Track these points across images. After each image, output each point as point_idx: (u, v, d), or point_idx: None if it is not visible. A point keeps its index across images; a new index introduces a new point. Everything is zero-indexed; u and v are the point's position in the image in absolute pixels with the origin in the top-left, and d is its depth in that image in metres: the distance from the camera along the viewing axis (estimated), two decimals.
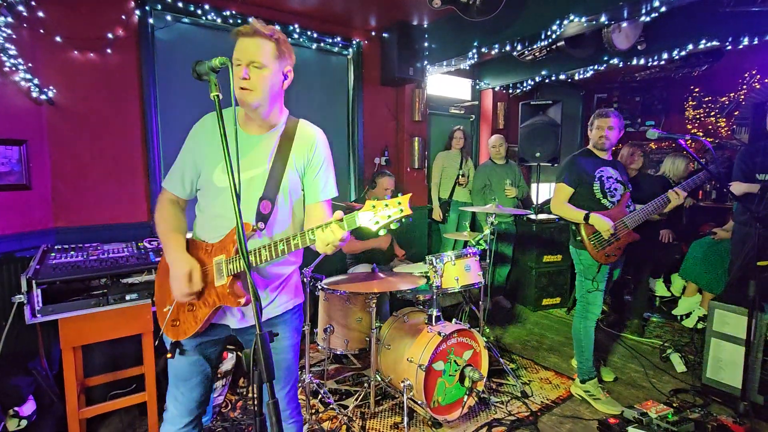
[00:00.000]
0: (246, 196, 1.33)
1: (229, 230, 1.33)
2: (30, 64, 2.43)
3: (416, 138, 4.42)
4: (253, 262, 1.30)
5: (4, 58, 2.32)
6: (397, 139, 4.42)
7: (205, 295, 1.34)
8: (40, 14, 2.49)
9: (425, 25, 3.93)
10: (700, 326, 3.64)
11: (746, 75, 5.09)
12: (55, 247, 2.24)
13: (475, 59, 3.76)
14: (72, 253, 2.17)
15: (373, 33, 4.03)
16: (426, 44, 3.97)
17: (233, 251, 1.29)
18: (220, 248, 1.34)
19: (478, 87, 5.30)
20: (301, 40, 3.63)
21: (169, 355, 1.41)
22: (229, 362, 2.63)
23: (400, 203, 1.11)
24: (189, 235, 1.45)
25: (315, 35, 3.66)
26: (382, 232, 1.13)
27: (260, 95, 1.30)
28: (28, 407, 2.07)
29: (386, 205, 1.12)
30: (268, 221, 1.36)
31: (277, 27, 3.64)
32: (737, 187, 2.95)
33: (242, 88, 1.28)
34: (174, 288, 1.32)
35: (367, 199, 1.18)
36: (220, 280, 1.31)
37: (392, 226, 1.12)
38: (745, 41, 3.37)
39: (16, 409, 2.07)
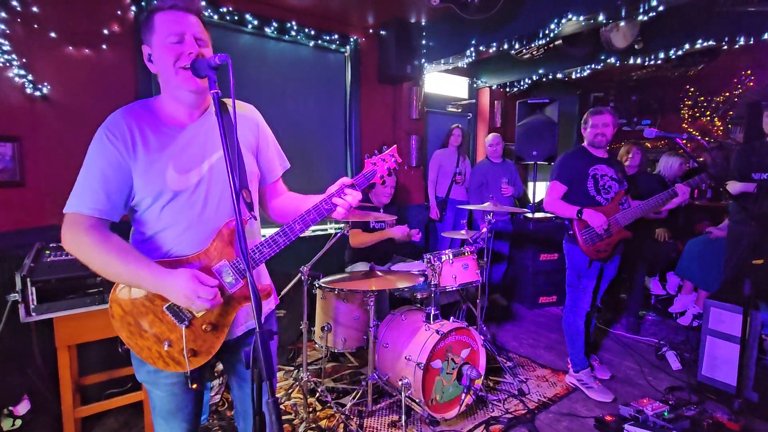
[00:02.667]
0: (217, 189, 1.20)
1: (209, 235, 1.19)
2: (24, 60, 2.40)
3: (413, 136, 4.41)
4: (259, 254, 1.21)
5: None
6: (394, 137, 4.41)
7: (222, 306, 1.18)
8: (35, 9, 2.45)
9: (423, 23, 3.93)
10: (695, 324, 3.67)
11: (742, 75, 5.13)
12: (50, 245, 2.21)
13: (473, 57, 3.76)
14: (66, 250, 2.15)
15: (371, 30, 4.02)
16: (424, 42, 3.96)
17: (233, 252, 1.19)
18: (213, 256, 1.18)
19: (475, 85, 5.30)
20: (298, 37, 3.61)
21: (195, 386, 1.21)
22: None
23: (393, 155, 1.35)
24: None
25: (312, 32, 3.64)
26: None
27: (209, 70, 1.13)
28: (23, 406, 2.06)
29: (383, 160, 1.33)
30: (254, 209, 1.24)
31: (275, 24, 3.60)
32: (733, 186, 2.98)
33: (190, 67, 1.11)
34: (194, 304, 1.08)
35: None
36: (233, 287, 1.19)
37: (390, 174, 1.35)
38: (741, 41, 3.40)
39: (10, 408, 2.05)
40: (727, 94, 5.30)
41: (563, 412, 2.50)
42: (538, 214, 4.35)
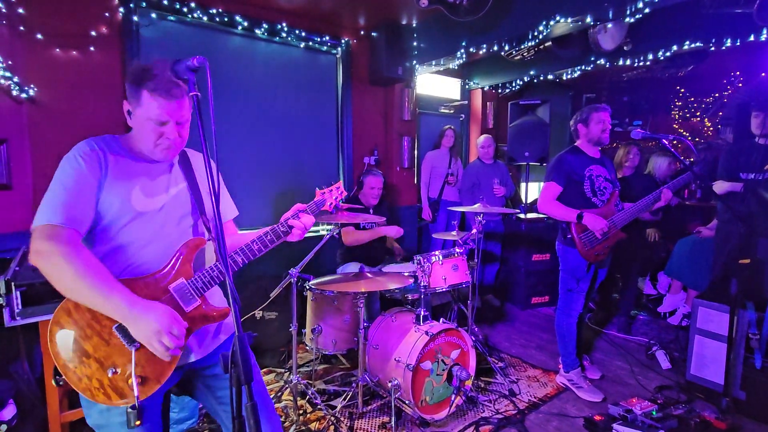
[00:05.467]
0: (178, 211, 1.28)
1: (168, 253, 1.22)
2: (9, 62, 2.39)
3: (405, 137, 4.42)
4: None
5: None
6: (386, 139, 4.42)
7: None
8: (20, 11, 2.44)
9: (414, 25, 3.94)
10: (684, 323, 3.70)
11: (731, 75, 5.18)
12: None
13: (464, 59, 3.77)
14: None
15: (362, 32, 4.02)
16: (415, 44, 3.97)
17: (191, 270, 1.22)
18: (171, 274, 1.20)
19: (467, 87, 5.32)
20: (289, 38, 3.61)
21: (138, 423, 1.08)
22: None
23: (338, 187, 1.53)
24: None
25: (303, 34, 3.64)
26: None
27: (183, 143, 1.28)
28: (9, 411, 2.04)
29: (330, 191, 1.51)
30: (212, 232, 1.31)
31: (266, 26, 3.61)
32: (719, 186, 3.00)
33: (168, 147, 1.22)
34: (163, 338, 1.07)
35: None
36: (189, 305, 1.20)
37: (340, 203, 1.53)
38: (728, 43, 3.43)
39: None
40: (717, 94, 5.35)
41: (553, 412, 2.51)
42: (530, 215, 4.36)
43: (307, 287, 2.58)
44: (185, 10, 3.05)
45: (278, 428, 1.35)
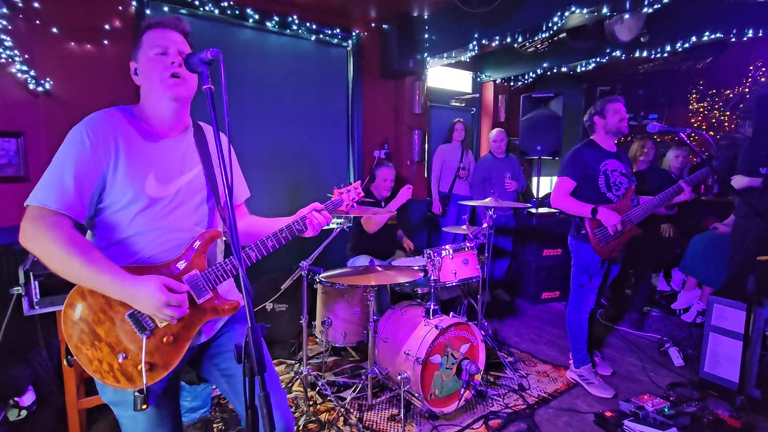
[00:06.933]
0: (193, 201, 1.24)
1: (182, 243, 1.20)
2: (26, 56, 2.42)
3: (416, 131, 4.40)
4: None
5: (0, 50, 2.31)
6: (396, 132, 4.40)
7: (187, 318, 1.17)
8: (36, 5, 2.47)
9: (425, 17, 3.90)
10: (699, 321, 3.64)
11: (752, 67, 5.03)
12: None
13: (476, 51, 3.72)
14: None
15: (373, 24, 4.00)
16: (426, 36, 3.93)
17: (205, 263, 1.21)
18: (184, 266, 1.19)
19: (479, 79, 5.26)
20: (299, 31, 3.60)
21: (144, 407, 1.12)
22: None
23: (356, 188, 1.53)
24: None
25: (314, 26, 3.63)
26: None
27: (193, 87, 1.22)
28: (28, 397, 2.10)
29: (348, 191, 1.51)
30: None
31: (277, 18, 3.60)
32: (738, 181, 2.93)
33: (175, 76, 1.16)
34: (161, 312, 1.07)
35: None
36: (201, 297, 1.19)
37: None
38: (750, 33, 3.33)
39: (16, 399, 2.09)
40: (737, 87, 5.21)
41: (563, 407, 2.50)
42: (541, 209, 4.32)
43: (318, 280, 2.59)
44: (197, 3, 3.06)
45: (288, 414, 1.33)
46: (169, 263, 1.18)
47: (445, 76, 4.99)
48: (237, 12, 3.24)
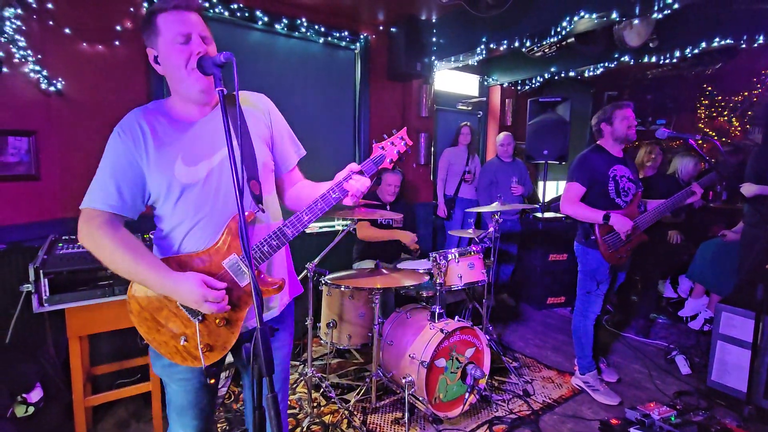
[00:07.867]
0: (228, 181, 1.20)
1: (217, 230, 1.19)
2: (39, 56, 2.45)
3: (423, 134, 4.40)
4: (265, 251, 1.19)
5: (14, 50, 2.34)
6: None
7: (235, 301, 1.20)
8: (49, 6, 2.50)
9: (433, 20, 3.90)
10: (706, 328, 3.60)
11: (762, 74, 4.99)
12: (63, 237, 2.26)
13: (484, 55, 3.73)
14: (79, 243, 2.20)
15: (381, 27, 4.01)
16: (434, 39, 3.94)
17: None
18: (223, 250, 1.18)
19: (486, 83, 5.26)
20: (308, 33, 3.62)
21: (212, 381, 1.29)
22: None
23: (402, 137, 1.36)
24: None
25: (322, 29, 3.65)
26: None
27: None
28: (36, 394, 2.11)
29: (392, 143, 1.34)
30: (263, 201, 1.25)
31: (286, 21, 3.61)
32: (748, 189, 2.90)
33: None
34: (202, 307, 1.11)
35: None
36: (244, 280, 1.19)
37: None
38: (761, 40, 3.31)
39: (23, 395, 2.11)
40: (746, 93, 5.17)
41: (568, 414, 2.49)
42: (547, 214, 4.30)
43: (323, 282, 2.60)
44: (207, 5, 3.08)
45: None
46: (208, 249, 1.19)
47: (452, 80, 4.99)
48: (246, 14, 3.26)
